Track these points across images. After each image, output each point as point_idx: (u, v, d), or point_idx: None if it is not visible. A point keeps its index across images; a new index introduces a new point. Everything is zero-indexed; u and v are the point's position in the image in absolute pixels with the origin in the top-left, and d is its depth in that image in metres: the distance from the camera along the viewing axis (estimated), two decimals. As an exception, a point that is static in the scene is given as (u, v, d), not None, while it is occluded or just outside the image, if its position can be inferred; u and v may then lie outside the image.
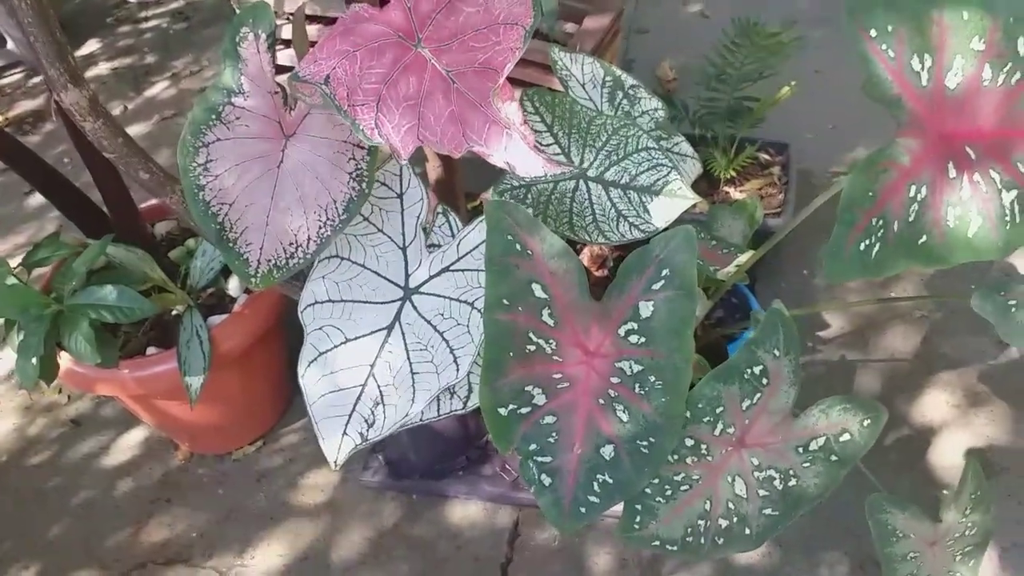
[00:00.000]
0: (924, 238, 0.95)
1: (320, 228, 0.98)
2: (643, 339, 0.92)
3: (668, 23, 3.07)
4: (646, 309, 0.92)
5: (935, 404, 1.74)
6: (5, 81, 3.35)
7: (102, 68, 3.38)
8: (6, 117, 3.10)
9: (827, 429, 0.99)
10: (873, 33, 0.90)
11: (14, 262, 1.50)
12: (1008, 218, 0.98)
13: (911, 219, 0.95)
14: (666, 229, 1.01)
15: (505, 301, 0.93)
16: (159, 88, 3.18)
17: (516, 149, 0.84)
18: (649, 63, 2.77)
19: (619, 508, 1.04)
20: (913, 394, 1.76)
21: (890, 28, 0.90)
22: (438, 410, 1.14)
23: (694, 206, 1.09)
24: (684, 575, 1.51)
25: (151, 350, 1.56)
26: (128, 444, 1.89)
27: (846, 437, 1.00)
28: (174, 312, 1.61)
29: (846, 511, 1.51)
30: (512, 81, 1.40)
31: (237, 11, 1.57)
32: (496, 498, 1.66)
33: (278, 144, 1.00)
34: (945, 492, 1.58)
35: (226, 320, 1.56)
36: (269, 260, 0.99)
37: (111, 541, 1.70)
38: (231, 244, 0.98)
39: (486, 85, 0.85)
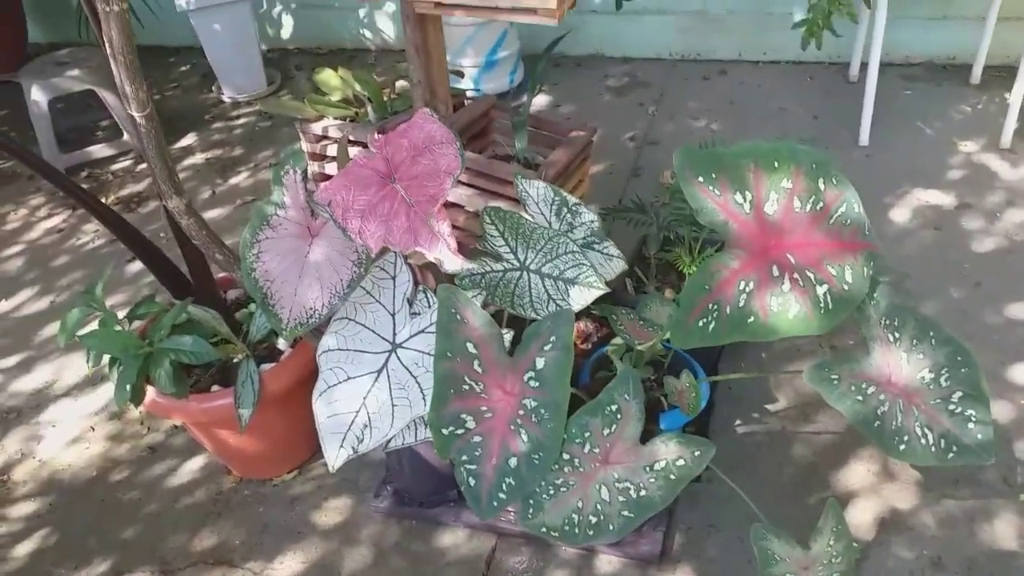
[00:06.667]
0: (752, 319, 1.32)
1: (330, 299, 1.41)
2: (538, 383, 1.31)
3: (678, 136, 3.49)
4: (541, 363, 1.30)
5: (857, 472, 2.04)
6: (119, 166, 3.97)
7: (198, 158, 3.98)
8: (117, 197, 3.70)
9: (667, 455, 1.34)
10: (701, 180, 1.29)
11: (120, 315, 1.98)
12: (822, 306, 1.33)
13: (741, 305, 1.31)
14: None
15: (448, 353, 1.33)
16: (241, 177, 3.75)
17: (444, 252, 1.26)
18: (655, 171, 3.20)
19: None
20: (839, 462, 2.07)
21: (715, 176, 1.29)
22: (415, 436, 1.54)
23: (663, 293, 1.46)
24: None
25: (215, 388, 2.00)
26: (190, 469, 2.32)
27: (681, 463, 1.35)
28: (235, 360, 2.06)
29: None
30: (496, 195, 1.84)
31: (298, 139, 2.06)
32: (479, 526, 2.02)
33: (306, 242, 1.45)
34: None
35: (274, 367, 2.00)
36: (295, 319, 1.42)
37: (171, 544, 2.12)
38: (271, 307, 1.42)
39: (430, 209, 1.28)
